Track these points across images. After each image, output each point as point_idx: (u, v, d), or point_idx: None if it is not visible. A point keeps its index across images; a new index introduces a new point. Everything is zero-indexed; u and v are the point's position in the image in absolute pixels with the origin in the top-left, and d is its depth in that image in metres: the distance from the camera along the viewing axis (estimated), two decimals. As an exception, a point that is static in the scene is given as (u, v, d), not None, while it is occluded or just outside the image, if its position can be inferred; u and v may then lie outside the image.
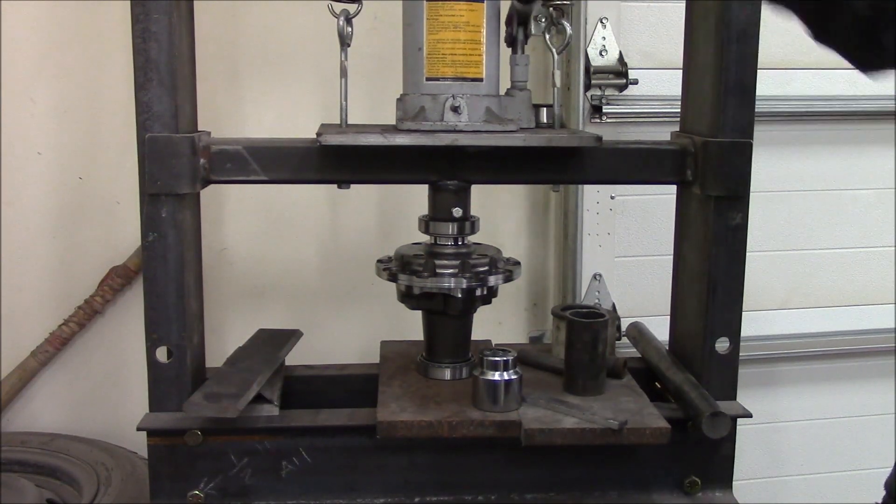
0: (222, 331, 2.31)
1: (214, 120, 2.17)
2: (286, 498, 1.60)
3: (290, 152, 1.64)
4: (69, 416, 2.32)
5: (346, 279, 2.39)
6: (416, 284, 1.63)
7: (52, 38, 2.19)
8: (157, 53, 1.53)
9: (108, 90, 2.22)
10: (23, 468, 2.04)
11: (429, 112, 1.57)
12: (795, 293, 2.63)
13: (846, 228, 2.62)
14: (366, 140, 1.53)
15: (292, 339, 1.87)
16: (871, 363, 2.59)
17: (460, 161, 1.66)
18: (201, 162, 1.59)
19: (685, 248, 1.80)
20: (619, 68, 2.33)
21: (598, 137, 1.58)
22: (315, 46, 2.21)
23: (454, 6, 1.56)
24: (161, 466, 1.58)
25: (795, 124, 2.50)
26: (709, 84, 1.68)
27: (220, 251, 2.33)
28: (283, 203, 2.33)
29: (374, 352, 1.89)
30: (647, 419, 1.54)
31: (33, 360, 2.26)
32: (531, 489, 1.64)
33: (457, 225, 1.68)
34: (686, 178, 1.72)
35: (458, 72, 1.58)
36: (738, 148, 1.65)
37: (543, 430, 1.50)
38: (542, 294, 2.50)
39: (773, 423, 2.65)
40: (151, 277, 1.59)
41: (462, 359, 1.75)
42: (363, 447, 1.60)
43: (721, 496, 1.66)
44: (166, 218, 1.57)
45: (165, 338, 1.60)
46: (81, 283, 2.27)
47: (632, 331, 2.04)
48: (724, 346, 1.71)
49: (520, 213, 2.46)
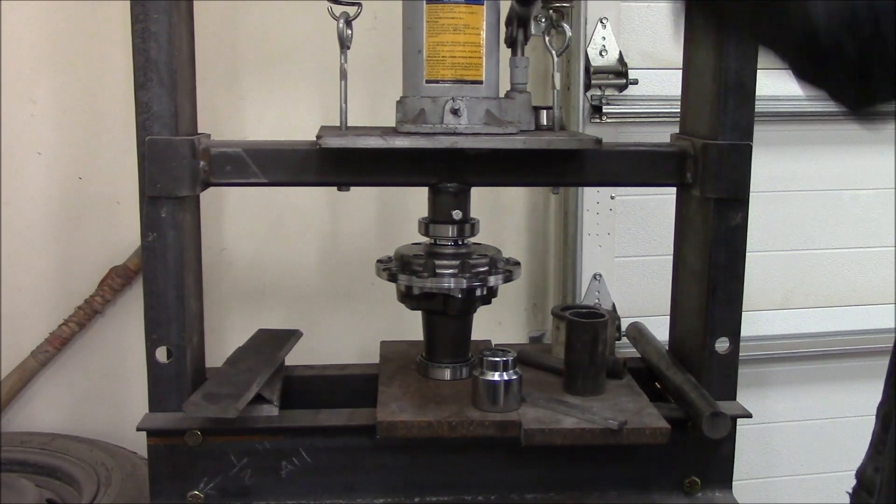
0: (222, 331, 2.31)
1: (214, 120, 2.17)
2: (286, 498, 1.60)
3: (290, 155, 1.64)
4: (69, 416, 2.32)
5: (346, 279, 2.39)
6: (415, 284, 1.63)
7: (52, 39, 2.19)
8: (156, 53, 1.53)
9: (108, 90, 2.22)
10: (23, 468, 2.04)
11: (428, 114, 1.57)
12: (795, 293, 2.63)
13: (846, 228, 2.62)
14: (365, 143, 1.53)
15: (292, 339, 1.87)
16: (871, 363, 2.58)
17: (460, 163, 1.66)
18: (201, 164, 1.60)
19: (685, 249, 1.80)
20: (619, 68, 2.33)
21: (598, 140, 1.58)
22: (315, 46, 2.21)
23: (454, 9, 1.56)
24: (161, 466, 1.58)
25: (795, 124, 2.49)
26: (708, 84, 1.68)
27: (219, 251, 2.33)
28: (283, 203, 2.33)
29: (374, 352, 1.89)
30: (646, 419, 1.54)
31: (33, 360, 2.26)
32: (531, 489, 1.64)
33: (456, 227, 1.68)
34: (686, 180, 1.72)
35: (457, 74, 1.58)
36: (737, 150, 1.65)
37: (543, 430, 1.50)
38: (542, 294, 2.50)
39: (771, 424, 2.65)
40: (151, 277, 1.59)
41: (462, 359, 1.75)
42: (363, 447, 1.60)
43: (721, 496, 1.66)
44: (166, 218, 1.57)
45: (165, 338, 1.60)
46: (81, 283, 2.27)
47: (632, 331, 2.04)
48: (723, 346, 1.71)
49: (520, 212, 2.46)
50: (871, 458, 1.32)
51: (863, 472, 1.34)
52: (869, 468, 1.31)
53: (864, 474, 1.32)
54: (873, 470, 1.30)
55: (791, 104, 2.44)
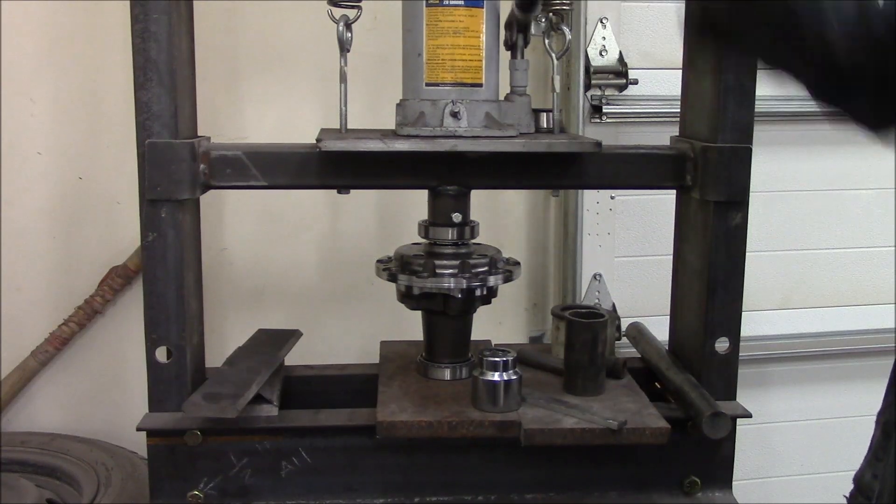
0: (222, 331, 2.31)
1: (214, 121, 2.18)
2: (286, 498, 1.60)
3: (290, 158, 1.64)
4: (69, 416, 2.32)
5: (346, 279, 2.39)
6: (415, 284, 1.63)
7: (52, 38, 2.20)
8: (156, 53, 1.53)
9: (108, 90, 2.22)
10: (23, 468, 2.04)
11: (428, 117, 1.57)
12: (795, 293, 2.63)
13: (846, 228, 2.62)
14: (365, 146, 1.53)
15: (292, 339, 1.87)
16: (871, 363, 2.59)
17: (460, 166, 1.66)
18: (201, 168, 1.60)
19: (685, 249, 1.80)
20: (619, 68, 2.33)
21: (598, 143, 1.58)
22: (315, 46, 2.21)
23: (454, 12, 1.55)
24: (161, 466, 1.58)
25: (795, 124, 2.49)
26: (708, 85, 1.68)
27: (219, 251, 2.33)
28: (283, 203, 2.33)
29: (374, 352, 1.89)
30: (646, 419, 1.54)
31: (33, 360, 2.26)
32: (531, 489, 1.64)
33: (456, 230, 1.68)
34: (685, 183, 1.72)
35: (457, 77, 1.58)
36: (737, 153, 1.65)
37: (543, 430, 1.50)
38: (542, 294, 2.50)
39: (771, 424, 2.65)
40: (151, 277, 1.59)
41: (462, 359, 1.75)
42: (363, 447, 1.60)
43: (721, 496, 1.66)
44: (166, 218, 1.57)
45: (165, 338, 1.60)
46: (81, 283, 2.27)
47: (632, 331, 2.04)
48: (723, 346, 1.71)
49: (520, 212, 2.46)
50: (870, 464, 1.32)
51: (861, 477, 1.34)
52: (867, 474, 1.32)
53: (863, 480, 1.33)
54: (872, 476, 1.30)
55: (791, 104, 2.44)
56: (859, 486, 1.33)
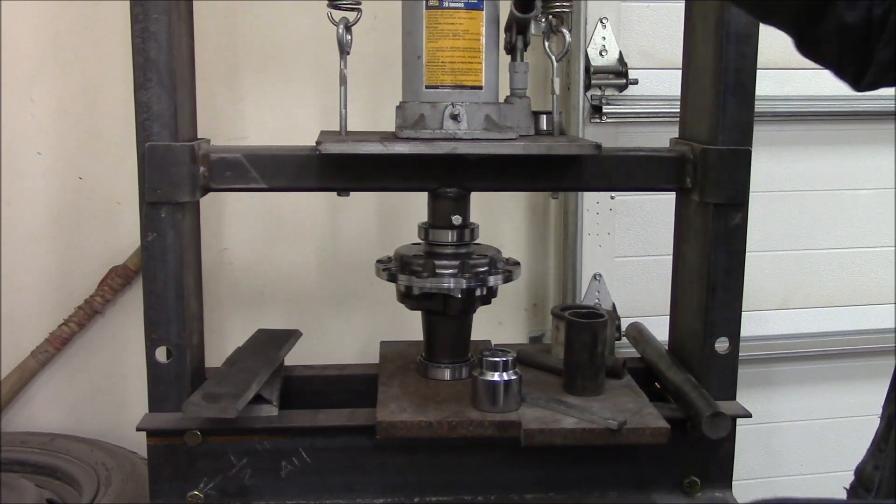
0: (222, 331, 2.31)
1: (214, 121, 2.18)
2: (286, 498, 1.60)
3: (290, 160, 1.64)
4: (69, 416, 2.32)
5: (346, 279, 2.38)
6: (415, 285, 1.63)
7: (52, 38, 2.19)
8: (156, 53, 1.53)
9: (108, 90, 2.22)
10: (23, 468, 2.04)
11: (428, 120, 1.57)
12: (795, 293, 2.63)
13: (846, 228, 2.62)
14: (365, 148, 1.53)
15: (291, 339, 1.87)
16: (871, 363, 2.58)
17: (459, 169, 1.66)
18: (201, 170, 1.60)
19: (685, 249, 1.80)
20: (619, 68, 2.33)
21: (598, 145, 1.58)
22: (315, 47, 2.21)
23: (453, 14, 1.56)
24: (161, 466, 1.58)
25: (795, 124, 2.49)
26: (708, 85, 1.68)
27: (220, 252, 2.33)
28: (283, 204, 2.33)
29: (374, 352, 1.89)
30: (646, 419, 1.54)
31: (33, 360, 2.26)
32: (531, 489, 1.64)
33: (456, 232, 1.68)
34: (685, 185, 1.72)
35: (457, 80, 1.58)
36: (737, 156, 1.65)
37: (543, 430, 1.50)
38: (542, 294, 2.50)
39: (772, 424, 2.65)
40: (151, 277, 1.59)
41: (461, 359, 1.75)
42: (363, 447, 1.60)
43: (721, 496, 1.67)
44: (166, 219, 1.57)
45: (165, 338, 1.60)
46: (81, 283, 2.27)
47: (632, 331, 2.04)
48: (723, 346, 1.71)
49: (520, 213, 2.46)
50: (872, 455, 1.32)
51: (862, 469, 1.34)
52: (868, 465, 1.32)
53: (864, 471, 1.33)
54: (873, 467, 1.30)
55: (791, 104, 2.44)
56: (860, 477, 1.34)
